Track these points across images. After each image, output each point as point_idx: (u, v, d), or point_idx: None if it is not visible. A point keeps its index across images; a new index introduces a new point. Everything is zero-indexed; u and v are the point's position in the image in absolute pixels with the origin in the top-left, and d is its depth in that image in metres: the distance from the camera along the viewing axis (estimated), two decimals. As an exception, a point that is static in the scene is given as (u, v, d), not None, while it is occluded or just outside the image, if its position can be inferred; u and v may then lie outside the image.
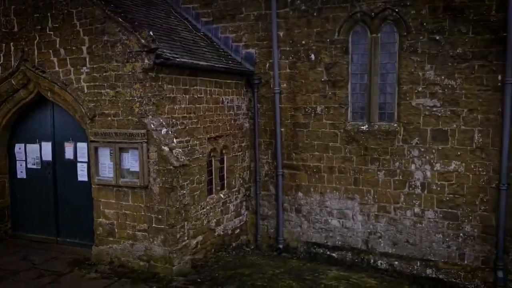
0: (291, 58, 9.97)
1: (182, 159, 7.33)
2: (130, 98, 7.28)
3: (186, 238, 7.53)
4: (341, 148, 9.76)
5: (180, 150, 7.47)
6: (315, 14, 9.62)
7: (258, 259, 9.23)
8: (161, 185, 7.19)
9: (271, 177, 10.53)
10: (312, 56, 9.77)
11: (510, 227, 8.58)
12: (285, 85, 10.11)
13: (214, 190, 9.41)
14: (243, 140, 10.27)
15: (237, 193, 10.14)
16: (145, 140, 7.16)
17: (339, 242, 10.04)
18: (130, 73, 7.21)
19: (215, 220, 9.28)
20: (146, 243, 7.45)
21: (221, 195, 9.59)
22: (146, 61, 7.08)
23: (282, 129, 10.24)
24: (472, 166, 8.75)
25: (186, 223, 7.54)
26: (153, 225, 7.33)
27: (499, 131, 8.43)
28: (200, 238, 8.76)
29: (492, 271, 8.76)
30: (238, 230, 10.27)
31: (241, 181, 10.30)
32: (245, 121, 10.32)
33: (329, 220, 10.09)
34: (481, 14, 8.37)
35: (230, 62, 9.82)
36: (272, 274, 8.04)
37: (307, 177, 10.16)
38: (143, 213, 7.40)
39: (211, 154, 9.27)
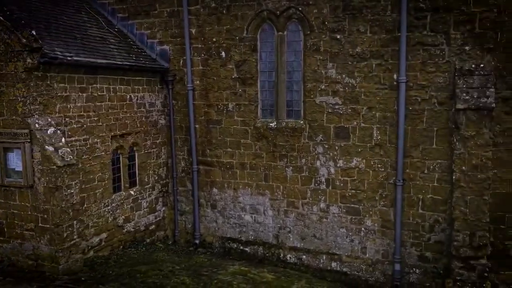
0: (203, 55, 10.02)
1: (68, 159, 7.33)
2: (14, 98, 7.24)
3: (75, 237, 7.57)
4: (251, 145, 9.90)
5: (68, 149, 7.47)
6: (224, 11, 9.67)
7: (165, 255, 9.34)
8: (45, 184, 7.20)
9: (187, 173, 10.62)
10: (223, 54, 9.84)
11: (406, 221, 8.87)
12: (198, 82, 10.17)
13: (122, 187, 9.45)
14: (158, 137, 10.30)
15: (151, 189, 10.20)
16: (28, 140, 7.14)
17: (252, 237, 10.21)
18: (13, 72, 7.16)
19: (123, 217, 9.33)
20: (34, 242, 7.47)
21: (131, 192, 9.64)
22: (28, 60, 7.04)
23: (197, 126, 10.32)
24: (372, 163, 8.99)
25: (75, 222, 7.57)
26: (39, 225, 7.34)
27: (396, 129, 8.68)
28: (104, 235, 8.82)
29: (391, 264, 9.06)
30: (153, 226, 10.34)
31: (156, 177, 10.35)
32: (160, 117, 10.35)
33: (243, 216, 10.26)
34: (378, 14, 8.55)
35: (141, 59, 9.82)
36: (170, 271, 8.15)
37: (221, 173, 10.28)
38: (29, 213, 7.40)
39: (118, 152, 9.30)
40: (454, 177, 8.08)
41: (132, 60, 9.46)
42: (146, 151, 9.97)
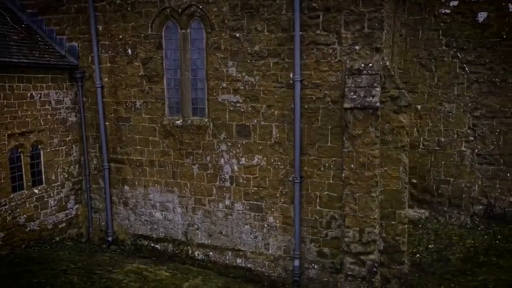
0: (110, 52, 9.96)
1: None
2: None
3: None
4: (159, 143, 9.92)
5: None
6: (129, 8, 9.61)
7: (66, 254, 9.32)
8: None
9: (99, 171, 10.59)
10: (129, 51, 9.80)
11: (305, 218, 9.03)
12: (106, 79, 10.11)
13: (25, 186, 9.37)
14: (67, 134, 10.23)
15: (60, 187, 10.14)
16: None
17: (162, 234, 10.27)
18: None
19: (25, 216, 9.27)
20: None
21: (35, 191, 9.57)
22: None
23: (107, 123, 10.28)
24: (272, 160, 9.11)
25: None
26: None
27: (293, 127, 8.79)
28: (1, 234, 8.76)
29: (292, 260, 9.22)
30: (63, 224, 10.30)
31: (67, 175, 10.29)
32: (69, 115, 10.27)
33: (153, 213, 10.29)
34: (274, 13, 8.62)
35: (46, 56, 9.71)
36: (62, 270, 8.15)
37: (132, 170, 10.29)
38: None
39: (19, 150, 9.21)
40: (343, 175, 8.25)
41: (33, 57, 9.34)
42: (53, 149, 9.89)
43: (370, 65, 8.12)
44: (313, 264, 9.09)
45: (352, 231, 8.29)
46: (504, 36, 12.82)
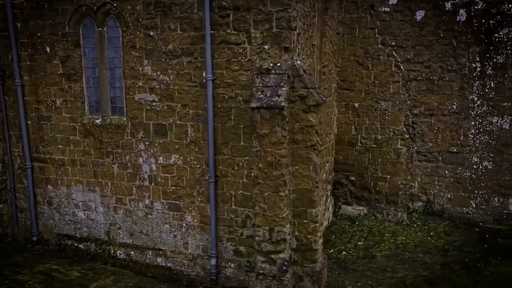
0: (29, 50, 9.86)
1: None
2: None
3: None
4: (80, 142, 9.85)
5: None
6: (46, 6, 9.51)
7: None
8: None
9: (23, 170, 10.50)
10: (48, 49, 9.70)
11: (222, 217, 9.06)
12: (27, 77, 10.01)
13: None
14: (-12, 133, 10.14)
15: (-20, 187, 10.06)
16: None
17: (86, 234, 10.23)
18: None
19: None
20: None
21: (-49, 191, 9.48)
22: None
23: (29, 122, 10.18)
24: (189, 159, 9.11)
25: None
26: None
27: (207, 126, 8.79)
28: None
29: (209, 259, 9.25)
30: (-15, 224, 10.23)
31: (-12, 174, 10.22)
32: (-9, 113, 10.17)
33: (76, 212, 10.24)
34: (186, 12, 8.59)
35: (-38, 53, 9.57)
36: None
37: (54, 170, 10.21)
38: None
39: None
40: (253, 174, 8.28)
41: None
42: (-29, 149, 9.79)
43: (279, 64, 8.14)
44: (229, 263, 9.14)
45: (262, 230, 8.34)
46: (441, 35, 13.00)
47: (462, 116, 13.24)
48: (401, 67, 12.68)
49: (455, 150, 13.42)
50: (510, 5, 12.45)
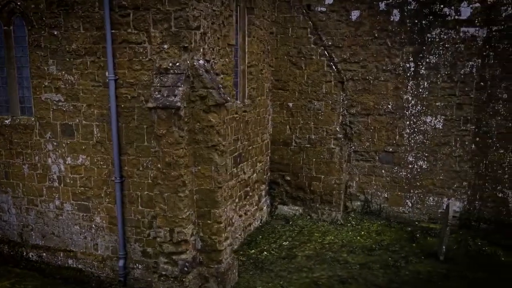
0: None
1: None
2: None
3: None
4: (-9, 142, 9.73)
5: None
6: (-48, 4, 9.35)
7: None
8: None
9: None
10: (-44, 48, 9.55)
11: (129, 218, 8.97)
12: None
13: None
14: None
15: None
16: None
17: (-1, 236, 10.12)
18: None
19: None
20: None
21: None
22: None
23: None
24: (96, 160, 9.02)
25: None
26: None
27: (111, 126, 8.70)
28: None
29: (118, 260, 9.16)
30: None
31: None
32: None
33: (-10, 214, 10.11)
34: (87, 11, 8.50)
35: None
36: None
37: (-34, 170, 10.06)
38: None
39: None
40: (152, 175, 8.21)
41: None
42: None
43: (178, 64, 8.07)
44: (137, 264, 9.07)
45: (163, 231, 8.27)
46: (376, 35, 13.05)
47: (397, 116, 13.31)
48: (333, 66, 12.67)
49: (391, 149, 13.49)
50: (441, 6, 12.55)
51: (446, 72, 12.74)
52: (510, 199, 11.94)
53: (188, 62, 8.08)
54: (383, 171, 13.68)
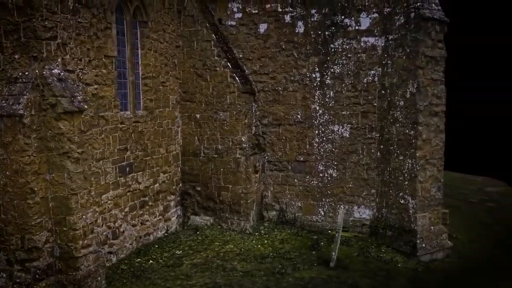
0: None
1: None
2: None
3: None
4: None
5: None
6: None
7: None
8: None
9: None
10: None
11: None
12: None
13: None
14: None
15: None
16: None
17: None
18: None
19: None
20: None
21: None
22: None
23: None
24: (-38, 170, 8.93)
25: None
26: None
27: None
28: None
29: (-14, 269, 9.00)
30: None
31: None
32: None
33: None
34: None
35: None
36: None
37: None
38: None
39: None
40: (1, 182, 8.11)
41: None
42: None
43: (27, 73, 8.05)
44: (1, 273, 8.86)
45: (15, 238, 8.14)
46: (283, 47, 13.06)
47: (307, 125, 13.24)
48: (236, 77, 12.64)
49: (302, 159, 13.37)
50: (343, 17, 12.58)
51: (350, 81, 12.69)
52: (410, 205, 11.70)
53: (37, 71, 8.05)
54: (296, 180, 13.53)
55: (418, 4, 11.36)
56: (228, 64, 12.54)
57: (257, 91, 13.40)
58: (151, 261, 10.50)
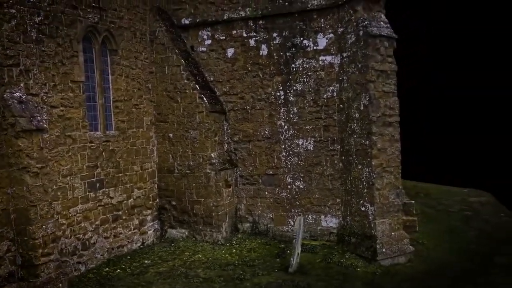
0: None
1: None
2: None
3: None
4: None
5: None
6: None
7: None
8: None
9: None
10: None
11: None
12: None
13: None
14: None
15: None
16: None
17: None
18: None
19: None
20: None
21: None
22: None
23: None
24: None
25: None
26: None
27: None
28: None
29: (-41, 279, 9.21)
30: None
31: None
32: None
33: None
34: None
35: None
36: None
37: None
38: None
39: None
40: (-34, 196, 8.40)
41: None
42: None
43: (-12, 97, 8.42)
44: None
45: (-22, 248, 8.35)
46: (249, 68, 13.31)
47: (274, 141, 13.34)
48: (204, 98, 12.89)
49: (271, 172, 13.44)
50: (301, 39, 12.84)
51: (312, 98, 12.83)
52: (369, 212, 11.59)
53: (-2, 94, 8.43)
54: (266, 193, 13.56)
55: (366, 22, 11.54)
56: (197, 86, 12.83)
57: (227, 111, 13.61)
58: (118, 270, 10.56)
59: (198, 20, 13.60)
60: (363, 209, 11.85)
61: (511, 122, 24.94)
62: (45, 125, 8.86)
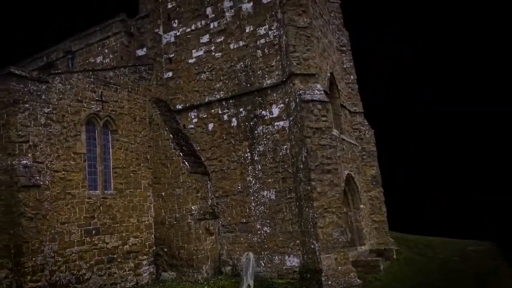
0: None
1: None
2: None
3: None
4: None
5: None
6: None
7: None
8: None
9: None
10: None
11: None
12: None
13: None
14: None
15: None
16: None
17: None
18: None
19: None
20: None
21: None
22: None
23: None
24: (-28, 234, 11.19)
25: None
26: None
27: (-22, 209, 11.02)
28: None
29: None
30: None
31: None
32: None
33: None
34: (-29, 141, 11.56)
35: None
36: None
37: None
38: None
39: None
40: (-19, 236, 10.15)
41: None
42: None
43: (3, 164, 10.50)
44: (-17, 305, 10.46)
45: (-15, 275, 9.87)
46: (224, 137, 14.80)
47: (245, 194, 14.23)
48: (186, 162, 14.31)
49: (244, 220, 14.14)
50: (261, 110, 14.25)
51: (271, 156, 13.77)
52: (316, 248, 11.73)
53: (9, 162, 10.48)
54: (242, 238, 14.10)
55: (301, 91, 12.70)
56: (181, 153, 14.35)
57: (210, 172, 14.85)
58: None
59: (187, 105, 15.58)
60: (312, 246, 12.00)
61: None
62: (41, 183, 10.67)
